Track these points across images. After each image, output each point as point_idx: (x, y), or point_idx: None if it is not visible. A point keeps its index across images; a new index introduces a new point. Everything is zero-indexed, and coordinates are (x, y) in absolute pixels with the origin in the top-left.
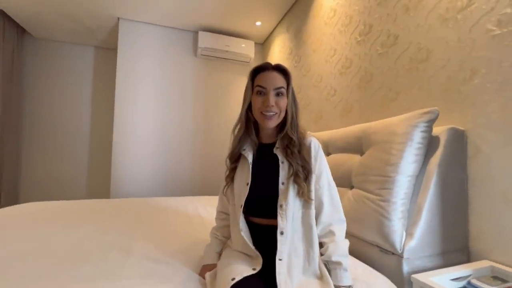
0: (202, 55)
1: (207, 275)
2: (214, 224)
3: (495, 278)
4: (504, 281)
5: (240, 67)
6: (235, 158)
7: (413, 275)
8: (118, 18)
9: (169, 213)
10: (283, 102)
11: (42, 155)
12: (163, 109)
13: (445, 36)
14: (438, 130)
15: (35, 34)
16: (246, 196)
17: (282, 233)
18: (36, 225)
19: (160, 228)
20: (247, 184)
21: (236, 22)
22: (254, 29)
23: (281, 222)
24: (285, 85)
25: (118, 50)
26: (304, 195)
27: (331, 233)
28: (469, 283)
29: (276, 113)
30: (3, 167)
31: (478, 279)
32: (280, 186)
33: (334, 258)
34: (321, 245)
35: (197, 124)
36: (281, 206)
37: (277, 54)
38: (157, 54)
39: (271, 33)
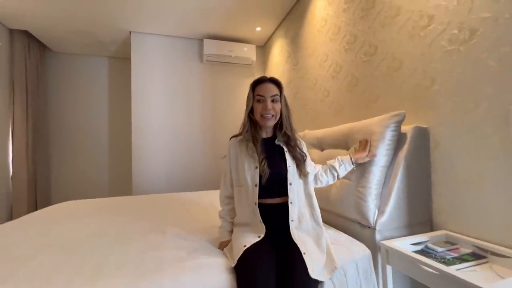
0: (207, 61)
1: (225, 249)
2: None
3: (447, 242)
4: (453, 244)
5: (243, 69)
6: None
7: (381, 241)
8: (130, 32)
9: (188, 205)
10: (278, 106)
11: (68, 160)
12: (174, 111)
13: (412, 50)
14: (406, 128)
15: (54, 49)
16: (258, 176)
17: (291, 202)
18: (83, 217)
19: (183, 216)
20: (256, 167)
21: (237, 28)
22: (254, 34)
23: (290, 195)
24: (278, 93)
25: (132, 61)
26: (303, 173)
27: (322, 167)
28: (426, 246)
29: (273, 115)
30: (38, 172)
31: (433, 243)
32: (289, 169)
33: (335, 162)
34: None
35: (205, 124)
36: (290, 184)
37: (277, 57)
38: (166, 62)
39: (271, 36)
